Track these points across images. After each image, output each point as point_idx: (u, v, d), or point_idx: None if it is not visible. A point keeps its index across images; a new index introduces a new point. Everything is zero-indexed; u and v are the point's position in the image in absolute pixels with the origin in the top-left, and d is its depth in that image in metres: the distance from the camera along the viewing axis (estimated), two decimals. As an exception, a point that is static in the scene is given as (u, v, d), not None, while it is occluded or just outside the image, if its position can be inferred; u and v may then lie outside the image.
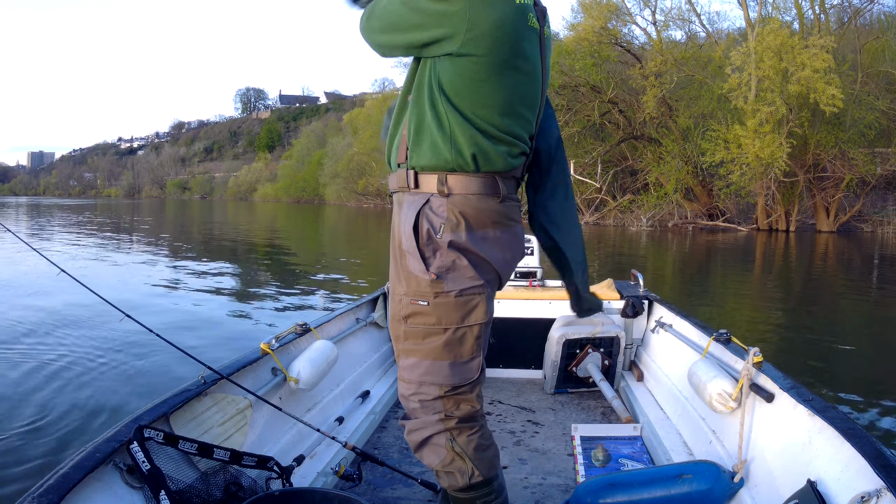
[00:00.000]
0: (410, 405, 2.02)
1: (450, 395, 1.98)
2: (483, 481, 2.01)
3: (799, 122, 25.56)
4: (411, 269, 1.92)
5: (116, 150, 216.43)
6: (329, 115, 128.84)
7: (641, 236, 25.92)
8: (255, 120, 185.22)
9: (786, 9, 29.41)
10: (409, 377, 1.99)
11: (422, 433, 2.00)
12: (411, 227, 1.90)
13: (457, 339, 1.95)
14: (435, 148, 1.87)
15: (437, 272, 1.89)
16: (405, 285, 1.95)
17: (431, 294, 1.91)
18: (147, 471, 1.89)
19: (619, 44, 32.90)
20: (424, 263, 1.89)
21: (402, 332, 1.98)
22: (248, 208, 71.25)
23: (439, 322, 1.93)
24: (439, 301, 1.91)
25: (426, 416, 1.99)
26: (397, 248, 1.99)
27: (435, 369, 1.95)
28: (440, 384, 1.96)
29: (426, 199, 1.89)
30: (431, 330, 1.94)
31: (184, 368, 5.52)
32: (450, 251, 1.89)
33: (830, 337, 8.65)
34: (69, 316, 8.20)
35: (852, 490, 1.80)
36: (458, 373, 1.97)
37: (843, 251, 20.82)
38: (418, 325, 1.94)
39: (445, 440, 1.98)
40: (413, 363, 1.98)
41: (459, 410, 2.00)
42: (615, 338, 4.27)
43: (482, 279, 1.94)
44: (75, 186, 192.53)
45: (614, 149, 33.59)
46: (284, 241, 25.23)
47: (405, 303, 1.95)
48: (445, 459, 1.99)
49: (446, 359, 1.95)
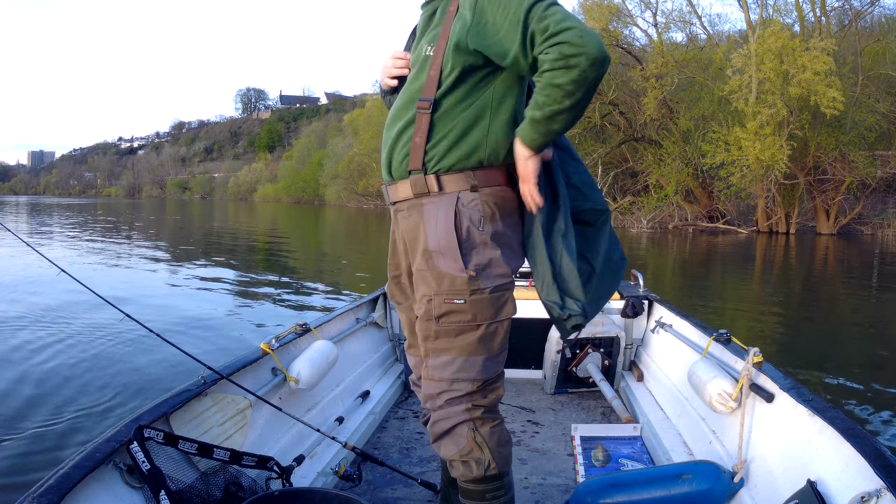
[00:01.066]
0: (438, 402, 2.04)
1: (479, 391, 2.03)
2: (497, 475, 2.05)
3: (799, 124, 25.57)
4: (444, 269, 1.96)
5: (117, 149, 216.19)
6: (330, 116, 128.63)
7: (642, 238, 25.92)
8: (255, 120, 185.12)
9: (787, 11, 29.49)
10: (441, 375, 2.01)
11: (447, 423, 2.03)
12: (451, 225, 1.95)
13: (490, 334, 1.99)
14: (474, 148, 1.97)
15: (475, 269, 1.95)
16: (435, 285, 1.98)
17: (468, 291, 1.95)
18: (147, 471, 1.89)
19: (620, 45, 32.89)
20: (463, 261, 1.94)
21: (432, 332, 2.00)
22: (249, 209, 71.24)
23: (474, 319, 1.97)
24: (475, 298, 1.95)
25: (452, 407, 2.02)
26: (421, 250, 2.01)
27: (469, 365, 1.99)
28: (473, 380, 2.00)
29: (456, 198, 1.97)
30: (466, 327, 1.98)
31: (184, 368, 5.52)
32: (491, 244, 1.97)
33: (830, 337, 8.66)
34: (69, 316, 8.18)
35: (852, 490, 1.80)
36: (490, 367, 2.02)
37: (843, 253, 20.82)
38: (452, 323, 1.97)
39: (468, 430, 2.01)
40: (446, 361, 2.00)
41: (486, 399, 2.04)
42: (615, 338, 4.27)
43: (511, 273, 2.02)
44: (75, 186, 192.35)
45: (615, 150, 33.59)
46: (285, 242, 25.23)
47: (437, 302, 1.97)
48: (464, 449, 2.02)
49: (481, 354, 1.99)
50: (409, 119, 1.99)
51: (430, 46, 1.99)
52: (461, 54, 1.91)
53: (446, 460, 2.09)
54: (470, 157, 1.97)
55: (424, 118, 1.96)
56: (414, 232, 2.04)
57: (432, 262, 1.98)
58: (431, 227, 1.99)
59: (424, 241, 2.00)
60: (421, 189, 1.99)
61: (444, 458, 2.09)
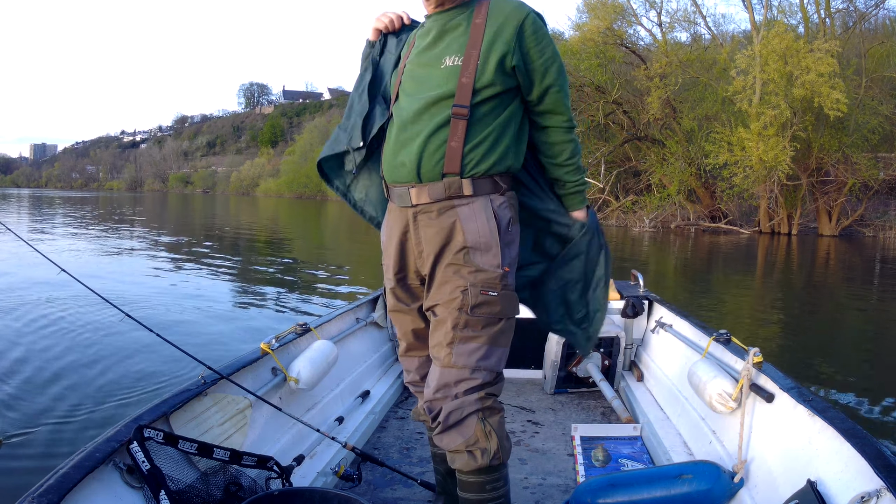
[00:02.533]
0: (453, 391, 2.10)
1: (493, 381, 2.14)
2: (499, 465, 2.11)
3: (803, 125, 25.52)
4: (481, 264, 2.08)
5: (119, 143, 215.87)
6: (332, 111, 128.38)
7: (644, 237, 25.90)
8: (258, 115, 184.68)
9: (791, 12, 29.41)
10: (465, 362, 2.09)
11: (459, 413, 2.09)
12: (494, 225, 2.10)
13: (509, 327, 2.15)
14: (505, 154, 2.14)
15: (509, 264, 2.12)
16: (472, 278, 2.08)
17: (500, 285, 2.09)
18: (147, 471, 1.90)
19: (624, 44, 32.85)
20: (501, 257, 2.09)
21: (462, 321, 2.08)
22: (251, 203, 71.14)
23: (501, 312, 2.11)
24: (505, 293, 2.11)
25: (467, 396, 2.09)
26: (456, 248, 2.11)
27: (490, 354, 2.11)
28: (491, 369, 2.12)
29: (489, 200, 2.12)
30: (492, 319, 2.10)
31: (184, 368, 5.52)
32: (514, 244, 2.17)
33: (831, 338, 8.68)
34: (69, 315, 8.15)
35: (852, 490, 1.81)
36: (503, 360, 2.16)
37: (845, 255, 20.79)
38: (483, 314, 2.08)
39: (477, 419, 2.09)
40: (473, 348, 2.09)
41: (495, 389, 2.15)
42: (615, 338, 4.28)
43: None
44: (77, 179, 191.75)
45: (618, 149, 33.50)
46: (286, 238, 25.21)
47: (473, 293, 2.07)
48: (471, 439, 2.08)
49: (501, 346, 2.13)
50: (438, 123, 2.08)
51: (457, 56, 2.08)
52: (500, 68, 2.05)
53: (448, 451, 2.13)
54: (502, 163, 2.13)
55: (461, 123, 2.06)
56: (445, 232, 2.12)
57: (469, 258, 2.09)
58: (472, 225, 2.10)
59: (462, 239, 2.10)
60: (455, 191, 2.10)
61: (447, 448, 2.13)
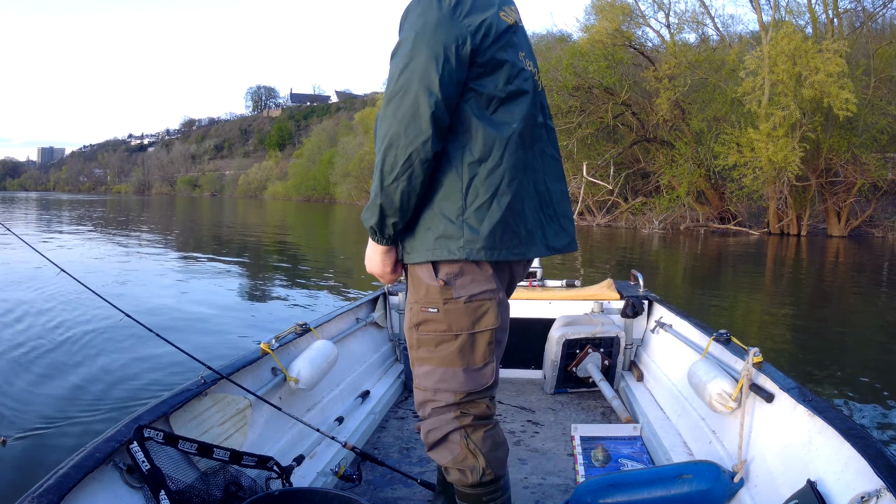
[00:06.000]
0: (426, 411, 2.05)
1: (464, 402, 2.00)
2: (493, 479, 2.05)
3: (812, 126, 25.41)
4: (421, 277, 1.95)
5: (127, 146, 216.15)
6: (340, 114, 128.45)
7: (653, 239, 25.85)
8: (265, 118, 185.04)
9: (799, 13, 29.30)
10: (425, 384, 2.01)
11: (439, 432, 2.02)
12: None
13: (468, 345, 1.96)
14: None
15: (444, 279, 1.91)
16: (415, 293, 1.98)
17: (441, 300, 1.92)
18: (147, 471, 1.91)
19: (632, 46, 32.80)
20: (434, 270, 1.92)
21: (415, 340, 2.01)
22: (258, 206, 71.32)
23: (450, 328, 1.94)
24: (449, 307, 1.93)
25: (442, 415, 2.01)
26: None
27: (449, 376, 1.97)
28: (454, 391, 1.98)
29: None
30: (443, 337, 1.95)
31: (184, 368, 5.50)
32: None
33: (838, 338, 8.65)
34: (69, 315, 8.18)
35: (852, 490, 1.81)
36: (471, 379, 1.98)
37: (854, 256, 20.70)
38: (430, 332, 1.96)
39: (460, 437, 2.00)
40: (427, 371, 2.00)
41: (475, 408, 2.02)
42: (615, 338, 4.28)
43: (494, 283, 1.97)
44: (85, 182, 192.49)
45: (627, 151, 33.46)
46: (291, 240, 25.24)
47: (416, 310, 1.97)
48: (458, 457, 2.01)
49: (460, 365, 1.96)
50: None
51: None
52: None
53: (442, 467, 2.10)
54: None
55: None
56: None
57: (413, 270, 1.98)
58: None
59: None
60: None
61: (440, 464, 2.10)
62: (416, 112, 1.77)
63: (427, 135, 1.77)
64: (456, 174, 1.88)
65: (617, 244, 23.08)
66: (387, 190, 1.83)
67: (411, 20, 1.82)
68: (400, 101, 1.78)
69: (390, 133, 1.79)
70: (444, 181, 1.88)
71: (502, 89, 1.90)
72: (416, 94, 1.76)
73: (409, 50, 1.79)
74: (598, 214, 33.59)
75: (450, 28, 1.79)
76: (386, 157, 1.81)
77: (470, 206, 1.87)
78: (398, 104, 1.78)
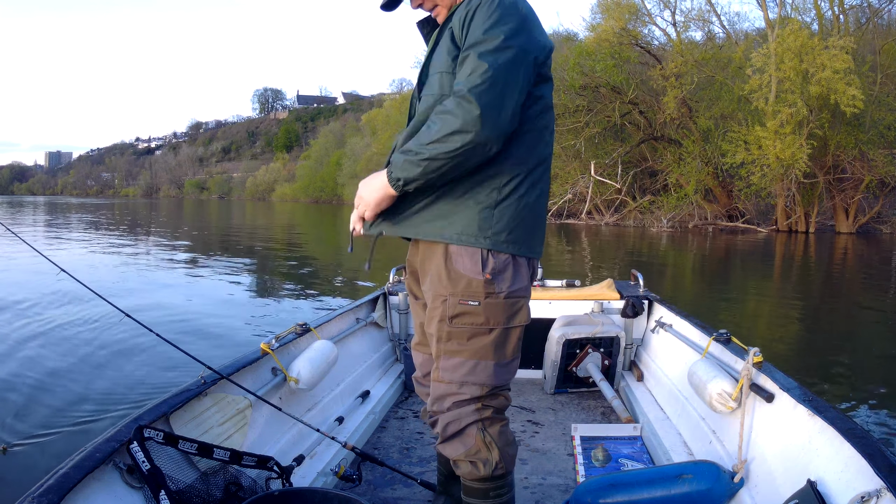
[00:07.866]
0: (445, 404, 2.06)
1: (487, 395, 2.05)
2: (503, 474, 2.08)
3: (819, 123, 25.33)
4: (461, 270, 1.96)
5: (134, 149, 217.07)
6: (347, 116, 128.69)
7: (662, 237, 25.78)
8: (272, 120, 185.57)
9: (805, 10, 29.21)
10: (450, 377, 2.03)
11: (458, 424, 2.05)
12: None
13: (502, 339, 2.02)
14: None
15: (491, 273, 1.95)
16: (451, 286, 1.98)
17: (483, 294, 1.96)
18: (147, 471, 1.91)
19: (639, 45, 32.75)
20: (482, 264, 1.95)
21: (445, 333, 2.02)
22: (266, 208, 71.43)
23: (487, 322, 1.98)
24: (490, 301, 1.97)
25: (463, 408, 2.04)
26: (441, 251, 2.01)
27: (480, 369, 2.01)
28: (482, 384, 2.02)
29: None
30: (478, 330, 1.99)
31: (184, 368, 5.53)
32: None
33: (844, 337, 8.60)
34: (70, 315, 8.21)
35: (852, 490, 1.81)
36: (501, 373, 2.04)
37: (862, 253, 20.61)
38: (465, 325, 1.99)
39: (477, 430, 2.04)
40: (456, 363, 2.02)
41: (494, 402, 2.07)
42: (615, 338, 4.27)
43: (528, 280, 2.06)
44: (93, 186, 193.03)
45: (634, 150, 33.42)
46: (297, 241, 25.24)
47: (452, 303, 1.98)
48: (472, 449, 2.04)
49: (492, 359, 2.01)
50: None
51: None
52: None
53: (452, 459, 2.11)
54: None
55: None
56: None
57: (450, 263, 1.99)
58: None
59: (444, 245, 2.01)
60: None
61: (450, 457, 2.11)
62: (501, 106, 1.80)
63: (503, 130, 1.83)
64: (508, 173, 1.95)
65: (625, 243, 23.03)
66: (433, 162, 1.82)
67: (509, 23, 1.84)
68: (487, 92, 1.78)
69: (471, 117, 1.77)
70: (496, 176, 1.94)
71: (549, 97, 2.03)
72: (503, 92, 1.80)
73: (508, 48, 1.82)
74: (606, 213, 33.57)
75: (536, 40, 1.91)
76: (452, 136, 1.79)
77: (520, 202, 1.97)
78: (489, 93, 1.79)
